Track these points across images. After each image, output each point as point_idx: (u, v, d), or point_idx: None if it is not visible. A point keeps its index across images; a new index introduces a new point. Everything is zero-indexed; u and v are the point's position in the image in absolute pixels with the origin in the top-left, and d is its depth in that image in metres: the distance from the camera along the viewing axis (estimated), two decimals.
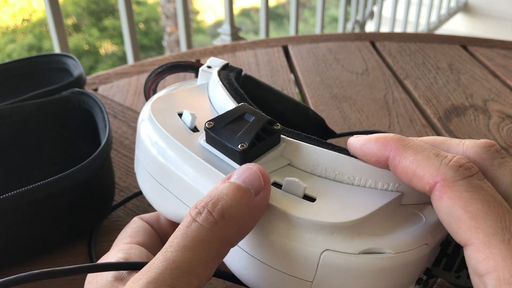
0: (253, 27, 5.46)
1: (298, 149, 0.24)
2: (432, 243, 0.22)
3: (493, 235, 0.19)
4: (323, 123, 0.38)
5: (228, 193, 0.20)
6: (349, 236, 0.21)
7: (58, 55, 0.50)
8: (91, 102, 0.42)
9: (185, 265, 0.18)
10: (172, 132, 0.26)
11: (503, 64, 0.70)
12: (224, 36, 1.27)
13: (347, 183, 0.24)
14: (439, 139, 0.24)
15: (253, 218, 0.21)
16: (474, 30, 2.74)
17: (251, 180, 0.21)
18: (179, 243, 0.19)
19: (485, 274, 0.19)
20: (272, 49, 0.74)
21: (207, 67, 0.32)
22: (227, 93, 0.28)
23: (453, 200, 0.20)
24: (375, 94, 0.61)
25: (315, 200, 0.22)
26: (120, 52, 4.74)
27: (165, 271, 0.18)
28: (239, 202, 0.20)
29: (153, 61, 0.70)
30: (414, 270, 0.22)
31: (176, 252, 0.19)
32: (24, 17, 4.65)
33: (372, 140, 0.22)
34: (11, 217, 0.32)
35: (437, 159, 0.20)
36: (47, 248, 0.36)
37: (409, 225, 0.22)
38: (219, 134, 0.23)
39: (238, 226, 0.20)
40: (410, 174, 0.21)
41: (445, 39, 0.78)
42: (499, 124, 0.55)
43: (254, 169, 0.21)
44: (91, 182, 0.35)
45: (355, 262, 0.21)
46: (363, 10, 1.93)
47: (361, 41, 0.77)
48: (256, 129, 0.23)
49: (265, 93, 0.36)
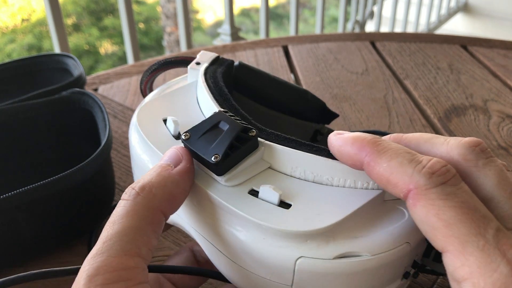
0: (253, 27, 5.46)
1: (277, 152, 0.24)
2: (414, 241, 0.22)
3: (467, 242, 0.18)
4: (323, 106, 0.37)
5: (149, 172, 0.23)
6: (323, 241, 0.21)
7: (58, 55, 0.50)
8: (91, 102, 0.42)
9: (116, 235, 0.20)
10: (155, 142, 0.26)
11: (503, 64, 0.70)
12: (224, 36, 1.27)
13: (326, 184, 0.24)
14: (424, 137, 0.23)
15: (176, 184, 0.22)
16: (474, 30, 2.74)
17: (170, 157, 0.23)
18: (109, 221, 0.21)
19: (462, 281, 0.19)
20: (272, 49, 0.74)
21: (196, 63, 0.32)
22: (210, 96, 0.28)
23: (427, 208, 0.19)
24: (375, 94, 0.61)
25: (291, 206, 0.22)
26: (120, 52, 4.74)
27: (101, 248, 0.20)
28: (158, 174, 0.22)
29: (153, 61, 0.70)
30: (395, 268, 0.22)
31: (106, 231, 0.20)
32: (24, 16, 4.65)
33: (349, 143, 0.22)
34: (11, 217, 0.32)
35: (410, 166, 0.20)
36: (47, 248, 0.36)
37: (390, 223, 0.22)
38: (194, 146, 0.23)
39: (161, 193, 0.22)
40: (384, 181, 0.21)
41: (445, 39, 0.78)
42: (499, 124, 0.55)
43: (173, 149, 0.24)
44: (91, 182, 0.35)
45: (330, 267, 0.21)
46: (363, 10, 1.93)
47: (361, 41, 0.77)
48: (229, 139, 0.23)
49: (261, 80, 0.35)
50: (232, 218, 0.22)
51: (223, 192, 0.23)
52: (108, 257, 0.19)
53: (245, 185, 0.23)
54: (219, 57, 0.32)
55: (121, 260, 0.19)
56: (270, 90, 0.36)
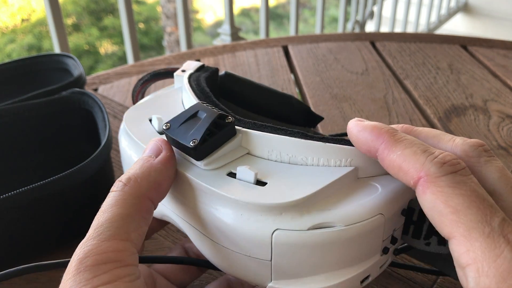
0: (253, 27, 5.46)
1: (253, 138, 0.25)
2: (388, 213, 0.23)
3: (473, 228, 0.19)
4: (308, 110, 0.39)
5: (133, 166, 0.24)
6: (297, 214, 0.22)
7: (58, 55, 0.50)
8: (91, 102, 0.42)
9: (106, 222, 0.21)
10: (140, 137, 0.28)
11: (503, 64, 0.70)
12: (224, 36, 1.27)
13: (301, 164, 0.25)
14: (433, 133, 0.24)
15: (159, 173, 0.24)
16: (474, 30, 2.74)
17: (151, 149, 0.25)
18: (100, 211, 0.22)
19: (466, 266, 0.19)
20: (272, 49, 0.74)
21: (181, 71, 0.34)
22: (192, 94, 0.30)
23: (435, 195, 0.20)
24: (375, 94, 0.61)
25: (266, 184, 0.23)
26: (120, 52, 4.74)
27: (92, 234, 0.21)
28: (141, 166, 0.24)
29: (153, 61, 0.70)
30: (371, 240, 0.23)
31: (97, 219, 0.22)
32: (23, 16, 4.65)
33: (368, 130, 0.23)
34: (10, 217, 0.32)
35: (423, 155, 0.21)
36: (46, 248, 0.36)
37: (363, 197, 0.23)
38: (174, 134, 0.25)
39: (147, 182, 0.23)
40: (396, 168, 0.22)
41: (445, 39, 0.78)
42: (499, 124, 0.55)
43: (153, 140, 0.25)
44: (91, 182, 0.35)
45: (305, 238, 0.22)
46: (363, 10, 1.93)
47: (361, 41, 0.77)
48: (206, 125, 0.24)
49: (247, 88, 0.37)
50: (211, 198, 0.24)
51: (202, 175, 0.24)
52: (98, 241, 0.20)
53: (224, 168, 0.25)
54: (203, 66, 0.35)
55: (111, 243, 0.20)
56: (256, 96, 0.38)
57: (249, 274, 0.24)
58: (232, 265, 0.24)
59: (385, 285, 0.33)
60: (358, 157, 0.24)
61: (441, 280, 0.34)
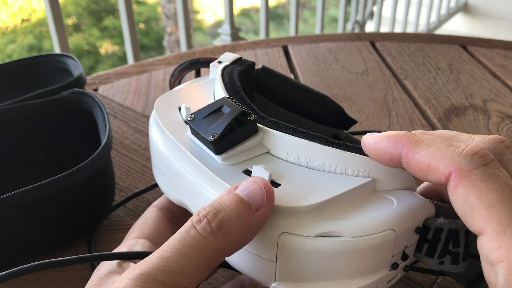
0: (253, 27, 5.46)
1: (273, 138, 0.26)
2: (400, 229, 0.22)
3: (507, 224, 0.18)
4: (341, 112, 0.38)
5: (229, 206, 0.21)
6: (306, 219, 0.22)
7: (58, 55, 0.50)
8: (91, 102, 0.42)
9: (177, 266, 0.19)
10: (167, 125, 0.28)
11: (503, 64, 0.70)
12: (224, 36, 1.27)
13: (318, 169, 0.25)
14: (450, 134, 0.24)
15: (250, 232, 0.21)
16: (474, 30, 2.74)
17: (254, 194, 0.21)
18: (175, 245, 0.20)
19: (497, 263, 0.19)
20: (272, 49, 0.74)
21: (218, 62, 0.34)
22: (222, 87, 0.30)
23: (468, 189, 0.19)
24: (375, 94, 0.61)
25: (280, 185, 0.23)
26: (120, 52, 4.74)
27: (158, 267, 0.19)
28: (239, 216, 0.21)
29: (153, 61, 0.70)
30: (380, 254, 0.23)
31: (172, 253, 0.20)
32: (24, 17, 4.65)
33: (385, 138, 0.22)
34: (11, 217, 0.32)
35: (449, 150, 0.20)
36: (47, 248, 0.36)
37: (376, 210, 0.23)
38: (197, 126, 0.25)
39: (234, 239, 0.21)
40: (425, 168, 0.21)
41: (445, 39, 0.78)
42: (498, 124, 0.55)
43: (259, 184, 0.22)
44: (91, 182, 0.35)
45: (311, 245, 0.22)
46: (363, 10, 1.93)
47: (361, 41, 0.77)
48: (227, 121, 0.24)
49: (282, 84, 0.37)
50: None
51: (218, 169, 0.24)
52: (159, 282, 0.19)
53: (241, 165, 0.25)
54: (241, 58, 0.35)
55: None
56: (291, 93, 0.37)
57: (254, 271, 0.24)
58: (240, 261, 0.24)
59: None
60: (376, 168, 0.24)
61: (441, 280, 0.34)
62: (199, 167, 0.25)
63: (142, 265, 0.19)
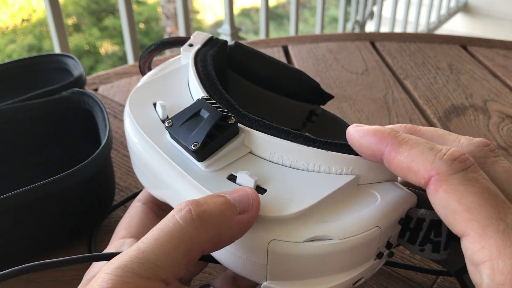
0: (253, 27, 5.46)
1: (256, 139, 0.25)
2: (385, 224, 0.23)
3: (488, 226, 0.19)
4: (318, 87, 0.38)
5: (215, 202, 0.21)
6: (294, 225, 0.22)
7: (58, 55, 0.50)
8: (91, 102, 0.42)
9: (153, 257, 0.19)
10: (143, 125, 0.27)
11: (503, 64, 0.70)
12: (224, 36, 1.27)
13: (302, 169, 0.25)
14: (438, 133, 0.24)
15: (230, 231, 0.21)
16: (474, 30, 2.74)
17: (240, 199, 0.22)
18: (153, 235, 0.20)
19: (481, 263, 0.19)
20: (272, 49, 0.74)
21: (188, 45, 0.32)
22: (197, 81, 0.29)
23: (448, 193, 0.20)
24: (375, 94, 0.61)
25: (266, 191, 0.23)
26: (120, 52, 4.74)
27: (134, 259, 0.19)
28: (221, 213, 0.21)
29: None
30: (366, 250, 0.23)
31: (149, 243, 0.20)
32: (24, 17, 4.65)
33: (370, 134, 0.23)
34: (11, 217, 0.32)
35: (431, 153, 0.21)
36: (47, 248, 0.36)
37: (361, 207, 0.23)
38: (177, 133, 0.25)
39: (213, 234, 0.21)
40: (406, 169, 0.21)
41: (445, 39, 0.78)
42: (499, 124, 0.55)
43: (248, 191, 0.22)
44: (91, 182, 0.35)
45: (301, 250, 0.22)
46: (363, 10, 1.93)
47: (361, 41, 0.77)
48: (207, 127, 0.24)
49: (255, 61, 0.36)
50: None
51: (202, 177, 0.24)
52: (134, 273, 0.19)
53: (225, 170, 0.25)
54: (212, 38, 0.33)
55: (147, 283, 0.19)
56: (265, 70, 0.36)
57: (246, 271, 0.24)
58: (231, 261, 0.24)
59: (385, 285, 0.33)
60: (359, 165, 0.24)
61: (441, 280, 0.34)
62: (182, 175, 0.25)
63: (119, 258, 0.19)
